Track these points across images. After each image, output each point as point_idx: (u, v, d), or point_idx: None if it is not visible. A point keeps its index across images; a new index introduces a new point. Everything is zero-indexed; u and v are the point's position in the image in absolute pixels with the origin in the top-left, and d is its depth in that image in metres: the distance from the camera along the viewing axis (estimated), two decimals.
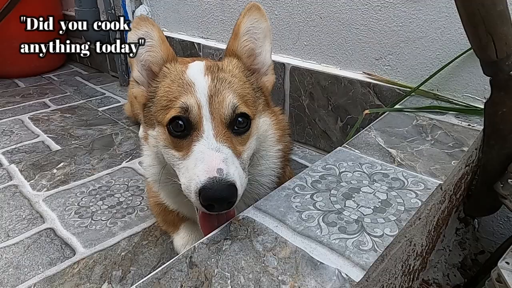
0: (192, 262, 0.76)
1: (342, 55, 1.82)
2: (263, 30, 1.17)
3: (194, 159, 0.93)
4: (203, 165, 0.89)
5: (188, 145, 0.97)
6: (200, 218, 1.00)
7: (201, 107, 0.98)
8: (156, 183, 1.24)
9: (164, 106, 1.03)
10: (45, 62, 3.58)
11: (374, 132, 1.30)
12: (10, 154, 2.04)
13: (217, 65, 1.10)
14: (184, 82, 1.04)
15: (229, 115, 0.99)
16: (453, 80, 1.52)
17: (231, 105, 0.99)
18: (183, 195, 1.17)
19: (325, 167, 1.09)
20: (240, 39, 1.15)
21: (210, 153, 0.92)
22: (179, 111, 0.98)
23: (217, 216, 0.96)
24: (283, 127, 1.22)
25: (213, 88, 1.01)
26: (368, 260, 0.75)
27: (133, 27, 1.11)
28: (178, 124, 0.99)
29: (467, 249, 1.49)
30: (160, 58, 1.13)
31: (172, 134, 1.01)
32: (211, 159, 0.90)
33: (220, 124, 0.98)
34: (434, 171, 1.06)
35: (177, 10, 2.62)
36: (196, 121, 0.98)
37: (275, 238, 0.82)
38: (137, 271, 1.26)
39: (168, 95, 1.04)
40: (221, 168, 0.87)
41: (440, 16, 1.47)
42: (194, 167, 0.91)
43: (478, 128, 1.31)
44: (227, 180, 0.86)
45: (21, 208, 1.59)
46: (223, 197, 0.86)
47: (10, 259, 1.31)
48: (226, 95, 1.00)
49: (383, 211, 0.90)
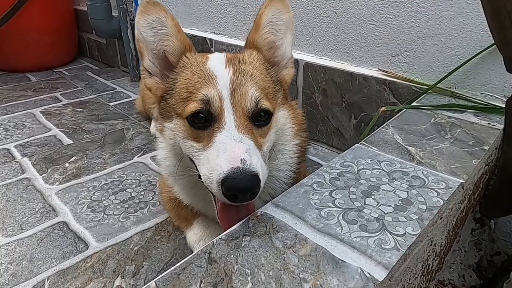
0: (211, 258, 0.75)
1: (357, 51, 1.79)
2: (285, 22, 1.14)
3: (216, 149, 0.91)
4: (225, 156, 0.88)
5: (209, 136, 0.96)
6: (220, 211, 0.98)
7: (223, 99, 0.97)
8: (170, 176, 1.23)
9: (184, 98, 1.02)
10: (56, 57, 3.60)
11: (392, 130, 1.28)
12: (23, 147, 2.05)
13: (238, 57, 1.08)
14: (205, 74, 1.02)
15: (251, 109, 0.98)
16: (472, 78, 1.49)
17: (254, 98, 0.98)
18: (198, 189, 1.17)
19: (343, 164, 1.07)
20: (261, 31, 1.13)
21: (232, 144, 0.90)
22: (200, 103, 0.97)
23: (237, 210, 0.95)
24: (301, 121, 1.21)
25: (235, 80, 1.00)
26: (391, 259, 0.73)
27: (141, 11, 1.05)
28: (199, 116, 0.98)
29: (483, 250, 1.47)
30: (177, 48, 1.10)
31: (193, 126, 0.99)
32: (234, 150, 0.89)
33: (242, 116, 0.97)
34: (455, 169, 1.04)
35: (189, 5, 2.60)
36: (217, 113, 0.97)
37: (295, 235, 0.80)
38: (150, 266, 1.25)
39: (188, 87, 1.02)
40: (244, 158, 0.86)
41: (460, 12, 1.44)
42: (216, 158, 0.89)
43: (498, 127, 1.29)
44: (251, 171, 0.85)
45: (34, 201, 1.59)
46: (247, 187, 0.84)
47: (24, 252, 1.31)
48: (248, 88, 0.99)
49: (404, 209, 0.88)
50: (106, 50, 3.61)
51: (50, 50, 3.50)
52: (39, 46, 3.39)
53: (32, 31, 3.31)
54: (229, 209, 0.96)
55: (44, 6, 3.31)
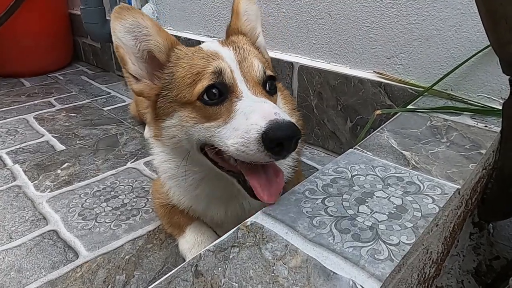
0: (198, 271, 0.72)
1: (352, 54, 1.77)
2: (255, 12, 1.23)
3: (242, 114, 0.90)
4: (257, 114, 0.87)
5: (227, 108, 0.95)
6: (256, 187, 0.94)
7: (233, 71, 0.98)
8: (171, 179, 1.20)
9: (189, 84, 1.00)
10: (51, 61, 3.57)
11: (387, 134, 1.25)
12: (15, 154, 2.02)
13: (230, 40, 1.12)
14: (207, 54, 1.03)
15: (261, 77, 1.01)
16: (468, 80, 1.47)
17: (260, 67, 1.02)
18: (203, 187, 1.17)
19: (336, 170, 1.05)
20: (241, 19, 1.19)
21: (259, 104, 0.91)
22: (212, 77, 0.97)
23: (269, 182, 0.94)
24: (291, 101, 1.25)
25: (238, 55, 1.03)
26: (384, 271, 0.71)
27: (116, 17, 1.02)
28: (212, 92, 0.96)
29: (481, 255, 1.44)
30: (163, 45, 1.07)
31: (208, 103, 0.97)
32: (263, 107, 0.89)
33: (255, 84, 0.99)
34: (451, 174, 1.01)
35: (183, 9, 2.58)
36: (231, 83, 0.97)
37: (285, 246, 0.77)
38: (141, 275, 1.22)
39: (191, 71, 1.01)
40: (277, 112, 0.86)
41: (455, 13, 1.42)
42: (247, 120, 0.88)
43: (495, 130, 1.26)
44: (288, 120, 0.85)
45: (25, 209, 1.56)
46: (291, 133, 0.84)
47: (12, 262, 1.28)
48: (253, 60, 1.03)
49: (399, 217, 0.85)
50: (101, 54, 3.59)
51: (45, 54, 3.48)
52: (34, 51, 3.37)
53: (27, 35, 3.28)
54: (269, 183, 0.94)
55: (39, 11, 3.29)
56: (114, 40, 1.04)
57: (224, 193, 1.16)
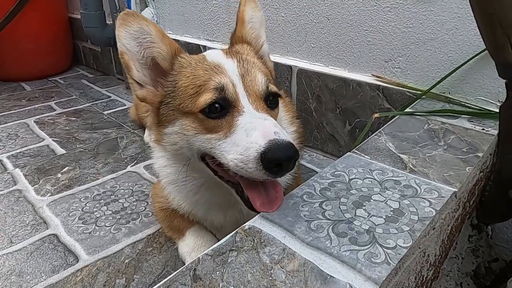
0: (196, 275, 0.73)
1: (351, 57, 1.78)
2: (260, 19, 1.22)
3: (242, 131, 0.91)
4: (257, 132, 0.88)
5: (228, 122, 0.95)
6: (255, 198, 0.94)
7: (235, 85, 0.99)
8: (171, 184, 1.21)
9: (192, 94, 1.00)
10: (51, 65, 3.58)
11: (385, 137, 1.26)
12: (15, 158, 2.03)
13: (234, 50, 1.12)
14: (210, 66, 1.03)
15: (263, 91, 1.01)
16: (466, 83, 1.47)
17: (263, 82, 1.02)
18: (203, 194, 1.18)
19: (334, 174, 1.06)
20: (246, 27, 1.19)
21: (259, 121, 0.91)
22: (214, 93, 0.97)
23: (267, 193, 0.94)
24: (292, 109, 1.25)
25: (242, 67, 1.03)
26: (381, 274, 0.71)
27: (121, 24, 1.01)
28: (215, 107, 0.97)
29: (480, 257, 1.44)
30: (166, 52, 1.07)
31: (209, 117, 0.98)
32: (263, 125, 0.90)
33: (257, 99, 0.99)
34: (448, 178, 1.02)
35: (182, 13, 2.60)
36: (233, 99, 0.97)
37: (283, 250, 0.78)
38: (141, 279, 1.23)
39: (194, 82, 1.01)
40: (277, 131, 0.87)
41: (452, 17, 1.43)
42: (247, 137, 0.89)
43: (492, 133, 1.27)
44: (287, 140, 0.86)
45: (25, 213, 1.57)
46: (290, 154, 0.84)
47: (13, 266, 1.29)
48: (256, 74, 1.03)
49: (396, 220, 0.86)
50: (101, 58, 3.60)
51: (46, 58, 3.49)
52: (35, 55, 3.38)
53: (27, 39, 3.30)
54: (267, 195, 0.94)
55: (39, 15, 3.30)
56: (119, 46, 1.04)
57: (224, 200, 1.17)
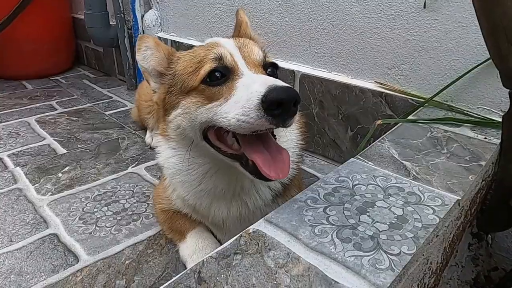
0: (201, 278, 0.73)
1: (354, 63, 1.79)
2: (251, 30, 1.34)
3: (243, 88, 0.93)
4: (257, 84, 0.89)
5: (229, 87, 0.98)
6: (261, 162, 0.93)
7: (233, 55, 1.04)
8: (175, 175, 1.21)
9: (192, 72, 1.06)
10: (53, 65, 3.58)
11: (388, 144, 1.26)
12: (16, 156, 2.02)
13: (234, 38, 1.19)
14: (208, 46, 1.10)
15: (261, 60, 1.07)
16: (469, 92, 1.48)
17: (260, 52, 1.08)
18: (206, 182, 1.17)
19: (337, 179, 1.06)
20: (250, 28, 1.29)
21: (258, 76, 0.96)
22: (213, 62, 1.02)
23: (282, 158, 0.95)
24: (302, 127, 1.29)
25: (238, 42, 1.10)
26: (385, 280, 0.71)
27: (137, 49, 1.20)
28: (215, 74, 1.01)
29: (480, 266, 1.45)
30: (162, 56, 1.19)
31: (211, 85, 1.01)
32: (264, 78, 0.93)
33: (255, 65, 1.04)
34: (451, 186, 1.02)
35: (186, 15, 2.61)
36: (232, 66, 1.02)
37: (287, 254, 0.78)
38: (141, 280, 1.22)
39: (194, 60, 1.08)
40: (277, 80, 0.90)
41: (456, 26, 1.44)
42: (247, 90, 0.90)
43: (495, 142, 1.27)
44: (287, 85, 0.87)
45: (25, 212, 1.56)
46: (290, 94, 0.85)
47: (12, 265, 1.29)
48: (253, 47, 1.09)
49: (400, 227, 0.86)
50: (104, 58, 3.61)
51: (48, 58, 3.49)
52: (37, 54, 3.38)
53: (29, 39, 3.30)
54: (268, 158, 0.95)
55: (42, 15, 3.30)
56: (140, 67, 1.23)
57: (228, 188, 1.17)
